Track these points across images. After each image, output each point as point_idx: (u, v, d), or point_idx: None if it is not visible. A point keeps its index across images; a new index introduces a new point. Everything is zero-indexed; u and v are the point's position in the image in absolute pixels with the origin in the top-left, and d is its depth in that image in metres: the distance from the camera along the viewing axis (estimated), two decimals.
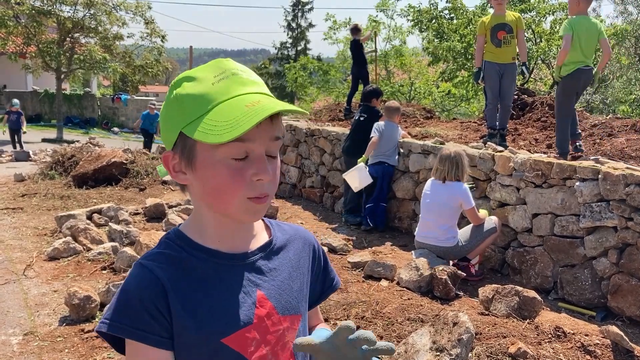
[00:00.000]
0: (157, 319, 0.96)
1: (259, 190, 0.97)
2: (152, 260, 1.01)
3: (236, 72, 0.98)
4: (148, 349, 0.96)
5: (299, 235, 1.19)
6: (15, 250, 5.74)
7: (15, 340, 3.75)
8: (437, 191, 5.03)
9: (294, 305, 1.09)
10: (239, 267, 1.04)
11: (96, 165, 9.38)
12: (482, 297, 4.17)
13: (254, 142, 0.95)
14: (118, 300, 0.98)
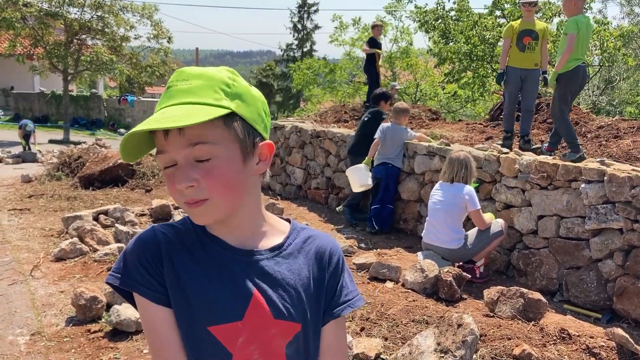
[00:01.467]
0: (153, 276, 1.02)
1: (187, 196, 0.99)
2: (163, 226, 1.08)
3: (171, 85, 1.02)
4: (148, 304, 1.02)
5: (316, 243, 1.15)
6: (22, 251, 5.78)
7: (23, 340, 3.77)
8: (443, 192, 5.05)
9: (291, 313, 1.06)
10: (241, 262, 1.05)
11: (102, 167, 9.42)
12: (487, 298, 4.16)
13: (170, 150, 0.98)
14: (123, 255, 1.05)
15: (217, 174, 0.98)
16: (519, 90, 6.33)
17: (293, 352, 1.08)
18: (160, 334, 1.02)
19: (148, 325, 1.03)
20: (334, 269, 1.15)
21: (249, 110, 1.03)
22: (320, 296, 1.12)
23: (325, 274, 1.13)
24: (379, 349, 3.36)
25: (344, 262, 1.19)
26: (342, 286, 1.16)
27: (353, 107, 10.53)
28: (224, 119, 0.98)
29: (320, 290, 1.12)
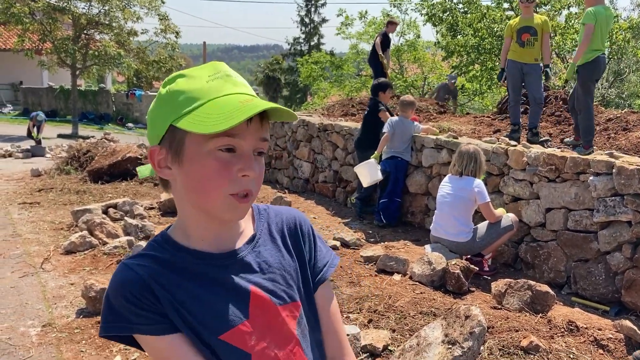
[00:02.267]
0: (148, 310, 0.98)
1: (243, 186, 0.98)
2: (136, 259, 1.03)
3: (229, 74, 1.02)
4: (153, 340, 0.98)
5: (282, 219, 1.17)
6: (32, 244, 5.84)
7: (34, 332, 3.82)
8: (453, 185, 5.05)
9: (290, 294, 1.09)
10: (227, 266, 1.05)
11: (111, 161, 9.48)
12: (495, 291, 4.17)
13: (244, 138, 0.97)
14: (106, 302, 1.00)
15: (262, 172, 1.02)
16: (520, 83, 6.40)
17: (302, 330, 1.10)
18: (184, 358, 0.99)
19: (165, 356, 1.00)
20: (307, 238, 1.18)
21: None
22: (305, 268, 1.15)
23: (301, 245, 1.16)
24: (387, 340, 3.38)
25: (313, 228, 1.21)
26: (318, 251, 1.19)
27: (360, 101, 10.52)
28: None
29: (303, 262, 1.15)
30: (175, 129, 0.97)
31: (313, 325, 1.14)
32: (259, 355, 1.03)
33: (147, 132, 1.06)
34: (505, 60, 6.49)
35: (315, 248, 1.19)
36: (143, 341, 1.00)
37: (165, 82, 1.03)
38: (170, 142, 0.99)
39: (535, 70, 6.26)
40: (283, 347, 1.06)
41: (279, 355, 1.05)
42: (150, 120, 1.03)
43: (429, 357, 2.88)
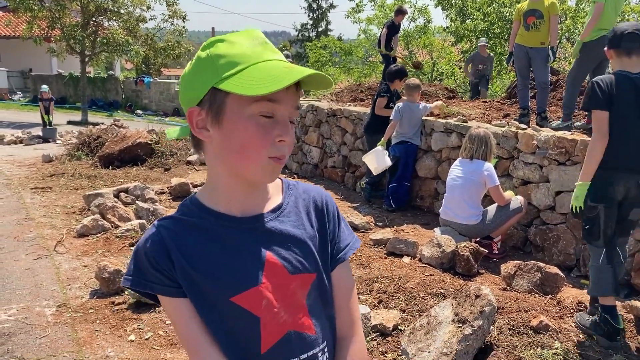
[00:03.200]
0: (163, 273, 1.05)
1: (280, 151, 1.02)
2: (163, 221, 1.10)
3: (268, 42, 1.05)
4: (167, 300, 1.06)
5: (310, 195, 1.21)
6: (45, 228, 5.91)
7: (50, 312, 3.89)
8: (463, 169, 5.05)
9: (305, 265, 1.11)
10: (248, 229, 1.09)
11: (122, 146, 9.54)
12: (504, 273, 4.19)
13: (283, 104, 1.00)
14: (133, 257, 1.09)
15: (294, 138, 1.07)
16: (527, 67, 6.42)
17: (312, 301, 1.13)
18: (185, 325, 1.06)
19: (172, 319, 1.08)
20: (332, 217, 1.21)
21: None
22: (326, 244, 1.18)
23: (325, 223, 1.19)
24: (397, 320, 3.41)
25: (338, 210, 1.25)
26: (342, 232, 1.22)
27: (369, 86, 10.49)
28: None
29: (325, 240, 1.18)
30: (216, 91, 1.00)
31: (326, 301, 1.17)
32: (267, 319, 1.06)
33: (180, 95, 1.07)
34: (513, 45, 6.50)
35: (339, 229, 1.22)
36: (160, 299, 1.08)
37: (204, 46, 1.04)
38: (210, 103, 1.01)
39: (541, 54, 6.25)
40: (292, 314, 1.09)
41: (287, 322, 1.08)
42: (186, 83, 1.04)
43: (439, 335, 2.92)
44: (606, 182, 3.16)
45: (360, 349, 1.21)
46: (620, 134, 3.12)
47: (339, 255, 1.20)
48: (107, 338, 3.50)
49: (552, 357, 2.90)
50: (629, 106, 3.12)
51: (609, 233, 3.20)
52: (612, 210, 3.19)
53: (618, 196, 3.16)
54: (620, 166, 3.13)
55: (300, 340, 1.10)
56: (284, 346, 1.08)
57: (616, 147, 3.12)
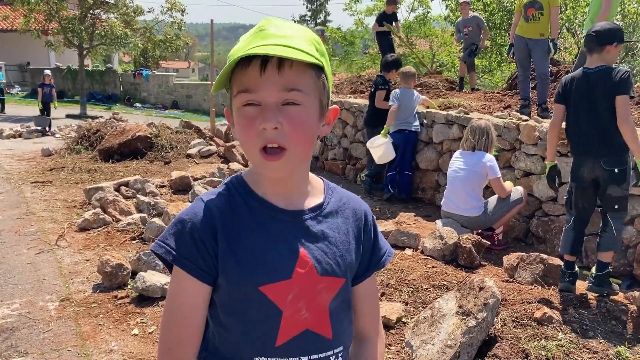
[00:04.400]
0: (202, 253, 1.04)
1: (266, 139, 0.99)
2: (211, 198, 1.09)
3: (264, 28, 1.01)
4: (188, 278, 1.05)
5: (351, 203, 1.20)
6: (46, 222, 5.90)
7: (52, 306, 3.89)
8: (464, 160, 5.05)
9: (334, 269, 1.11)
10: (288, 222, 1.09)
11: (121, 140, 9.51)
12: (507, 265, 4.19)
13: (259, 91, 0.98)
14: (174, 227, 1.07)
15: (301, 122, 1.01)
16: (527, 58, 6.45)
17: (336, 307, 1.13)
18: (185, 306, 1.06)
19: (174, 295, 1.07)
20: (370, 227, 1.22)
21: (329, 72, 1.07)
22: (358, 253, 1.18)
23: (362, 232, 1.19)
24: (400, 312, 3.41)
25: (375, 220, 1.26)
26: (379, 241, 1.24)
27: (369, 78, 10.47)
28: (316, 70, 1.02)
29: (359, 247, 1.18)
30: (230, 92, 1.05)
31: (349, 307, 1.18)
32: (289, 314, 1.06)
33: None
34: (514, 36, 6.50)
35: (376, 238, 1.24)
36: (176, 274, 1.06)
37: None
38: (230, 104, 1.06)
39: (540, 46, 6.26)
40: (313, 314, 1.09)
41: (307, 320, 1.08)
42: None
43: (443, 328, 2.92)
44: (575, 165, 3.81)
45: (383, 348, 1.29)
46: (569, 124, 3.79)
47: (379, 262, 1.23)
48: (110, 332, 3.50)
49: (556, 349, 2.90)
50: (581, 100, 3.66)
51: (579, 206, 3.83)
52: (584, 188, 3.77)
53: (586, 176, 3.72)
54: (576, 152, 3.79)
55: (315, 340, 1.10)
56: (298, 343, 1.08)
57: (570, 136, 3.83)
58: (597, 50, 3.63)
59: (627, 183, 3.64)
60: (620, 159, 3.58)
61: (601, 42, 3.61)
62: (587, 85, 3.62)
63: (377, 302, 1.29)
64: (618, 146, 3.54)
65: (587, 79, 3.64)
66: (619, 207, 3.69)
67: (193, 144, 9.85)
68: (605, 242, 3.75)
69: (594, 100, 3.60)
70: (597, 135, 3.61)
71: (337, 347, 1.13)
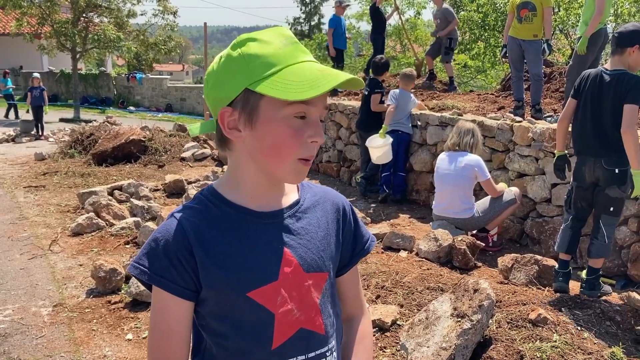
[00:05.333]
0: (178, 269, 1.02)
1: (310, 152, 1.03)
2: (183, 212, 1.07)
3: (297, 42, 1.04)
4: (167, 296, 1.03)
5: (328, 197, 1.21)
6: (40, 227, 5.87)
7: (46, 312, 3.86)
8: (451, 162, 5.04)
9: (319, 264, 1.12)
10: (267, 224, 1.08)
11: (115, 143, 9.48)
12: (502, 266, 4.19)
13: (315, 106, 1.01)
14: (147, 246, 1.05)
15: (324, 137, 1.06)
16: (520, 59, 6.46)
17: (325, 302, 1.14)
18: (169, 325, 1.04)
19: (158, 316, 1.05)
20: (349, 217, 1.23)
21: None
22: (338, 245, 1.19)
23: (343, 225, 1.21)
24: (395, 315, 3.40)
25: (354, 210, 1.27)
26: (360, 229, 1.26)
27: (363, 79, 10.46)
28: None
29: (339, 239, 1.19)
30: (250, 93, 0.99)
31: (335, 300, 1.19)
32: (282, 316, 1.06)
33: (207, 92, 1.06)
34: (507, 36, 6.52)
35: (357, 227, 1.25)
36: (156, 292, 1.05)
37: (234, 45, 1.04)
38: (243, 104, 1.01)
39: (533, 47, 6.27)
40: (304, 312, 1.09)
41: (299, 319, 1.08)
42: (215, 82, 1.04)
43: (438, 330, 2.91)
44: (576, 164, 3.80)
45: (370, 322, 1.33)
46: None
47: (363, 249, 1.25)
48: (104, 337, 3.48)
49: (551, 350, 2.90)
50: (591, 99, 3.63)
51: (578, 205, 3.82)
52: (584, 189, 3.75)
53: (587, 175, 3.69)
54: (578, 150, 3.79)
55: (310, 338, 1.10)
56: (295, 343, 1.08)
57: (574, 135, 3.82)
58: (619, 52, 3.59)
59: (626, 185, 3.62)
60: (622, 160, 3.55)
61: (621, 44, 3.57)
62: (599, 85, 3.59)
63: (360, 284, 1.31)
64: (619, 148, 3.52)
65: (601, 80, 3.60)
66: (614, 210, 3.67)
67: (187, 147, 9.83)
68: (596, 249, 3.74)
69: (602, 101, 3.58)
70: (599, 136, 3.61)
71: (330, 343, 1.14)
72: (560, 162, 3.96)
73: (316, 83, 0.96)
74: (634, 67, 3.61)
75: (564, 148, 3.97)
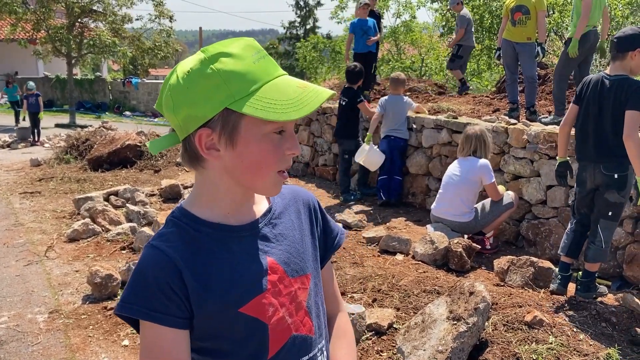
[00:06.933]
0: (172, 299, 0.98)
1: (288, 163, 1.04)
2: (162, 240, 1.03)
3: (267, 54, 1.02)
4: (164, 330, 0.99)
5: (297, 197, 1.22)
6: (35, 233, 5.86)
7: (42, 318, 3.85)
8: (460, 167, 5.06)
9: (302, 266, 1.13)
10: (246, 237, 1.08)
11: (111, 149, 9.47)
12: (498, 268, 4.20)
13: (291, 122, 1.02)
14: (134, 282, 1.00)
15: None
16: (515, 62, 6.51)
17: (311, 302, 1.15)
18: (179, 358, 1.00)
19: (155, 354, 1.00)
20: (318, 214, 1.25)
21: None
22: (314, 243, 1.20)
23: (315, 221, 1.23)
24: (392, 318, 3.41)
25: (320, 206, 1.28)
26: (330, 222, 1.28)
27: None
28: None
29: (314, 237, 1.21)
30: (230, 112, 0.97)
31: (321, 299, 1.20)
32: (275, 325, 1.06)
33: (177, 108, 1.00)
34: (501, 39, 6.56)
35: (326, 222, 1.26)
36: (147, 327, 1.00)
37: (205, 60, 0.98)
38: (223, 125, 0.99)
39: (527, 50, 6.32)
40: (294, 317, 1.10)
41: (290, 326, 1.09)
42: (188, 99, 0.99)
43: (434, 333, 2.91)
44: (578, 170, 3.81)
45: (348, 318, 1.34)
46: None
47: (334, 244, 1.26)
48: (100, 344, 3.47)
49: (547, 352, 2.91)
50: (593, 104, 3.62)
51: (582, 211, 3.84)
52: (585, 193, 3.76)
53: (588, 182, 3.70)
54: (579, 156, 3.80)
55: (302, 342, 1.11)
56: (289, 350, 1.08)
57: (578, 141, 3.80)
58: (619, 57, 3.55)
59: (626, 191, 3.62)
60: (621, 166, 3.54)
61: (622, 48, 3.53)
62: (600, 91, 3.56)
63: (335, 281, 1.33)
64: (618, 153, 3.49)
65: (602, 86, 3.56)
66: (612, 215, 3.65)
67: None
68: (593, 253, 3.73)
69: (602, 107, 3.55)
70: (599, 142, 3.59)
71: (320, 343, 1.15)
72: (562, 169, 3.94)
73: (301, 102, 0.97)
74: (635, 71, 3.58)
75: (565, 154, 3.94)
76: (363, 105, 6.84)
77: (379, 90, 9.31)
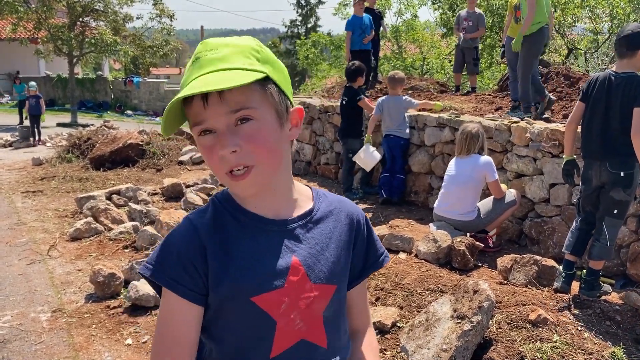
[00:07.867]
0: (190, 274, 1.02)
1: (230, 164, 0.99)
2: (198, 217, 1.08)
3: (199, 56, 1.01)
4: (177, 299, 1.02)
5: (343, 208, 1.19)
6: (38, 232, 5.86)
7: (45, 317, 3.85)
8: (460, 166, 5.04)
9: (328, 276, 1.10)
10: (277, 232, 1.08)
11: (112, 148, 9.47)
12: (501, 267, 4.19)
13: (209, 120, 0.98)
14: (161, 249, 1.06)
15: (260, 137, 0.99)
16: (517, 59, 6.45)
17: (331, 314, 1.12)
18: (178, 330, 1.03)
19: (166, 319, 1.04)
20: (363, 230, 1.20)
21: (279, 75, 1.04)
22: (348, 257, 1.16)
23: (357, 236, 1.18)
24: (395, 317, 3.40)
25: (369, 223, 1.24)
26: (375, 242, 1.23)
27: None
28: (260, 83, 0.99)
29: (349, 252, 1.16)
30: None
31: (343, 314, 1.18)
32: (283, 324, 1.05)
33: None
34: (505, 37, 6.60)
35: (371, 240, 1.22)
36: (166, 295, 1.04)
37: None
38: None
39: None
40: (307, 324, 1.08)
41: (301, 330, 1.07)
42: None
43: (439, 332, 2.91)
44: (584, 168, 3.80)
45: (374, 334, 1.31)
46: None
47: (375, 262, 1.22)
48: (103, 342, 3.47)
49: (552, 351, 2.90)
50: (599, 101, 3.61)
51: (587, 209, 3.83)
52: (590, 191, 3.76)
53: (594, 179, 3.70)
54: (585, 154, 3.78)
55: (310, 350, 1.09)
56: (294, 354, 1.07)
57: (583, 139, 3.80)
58: (628, 55, 3.52)
59: (632, 189, 3.60)
60: (627, 163, 3.52)
61: (632, 47, 3.49)
62: (608, 89, 3.54)
63: (367, 298, 1.30)
64: (625, 151, 3.48)
65: (609, 83, 3.54)
66: (618, 212, 3.64)
67: (185, 150, 9.81)
68: (598, 251, 3.73)
69: (610, 105, 3.53)
70: (606, 139, 3.58)
71: (334, 357, 1.12)
72: (569, 167, 3.90)
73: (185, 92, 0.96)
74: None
75: (572, 152, 3.91)
76: (363, 102, 6.82)
77: (381, 89, 9.29)
